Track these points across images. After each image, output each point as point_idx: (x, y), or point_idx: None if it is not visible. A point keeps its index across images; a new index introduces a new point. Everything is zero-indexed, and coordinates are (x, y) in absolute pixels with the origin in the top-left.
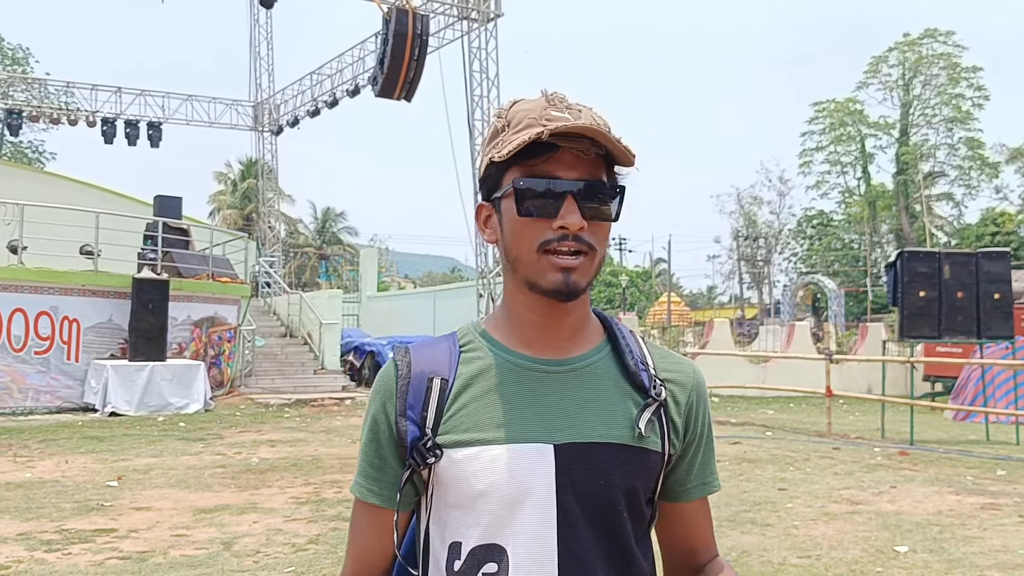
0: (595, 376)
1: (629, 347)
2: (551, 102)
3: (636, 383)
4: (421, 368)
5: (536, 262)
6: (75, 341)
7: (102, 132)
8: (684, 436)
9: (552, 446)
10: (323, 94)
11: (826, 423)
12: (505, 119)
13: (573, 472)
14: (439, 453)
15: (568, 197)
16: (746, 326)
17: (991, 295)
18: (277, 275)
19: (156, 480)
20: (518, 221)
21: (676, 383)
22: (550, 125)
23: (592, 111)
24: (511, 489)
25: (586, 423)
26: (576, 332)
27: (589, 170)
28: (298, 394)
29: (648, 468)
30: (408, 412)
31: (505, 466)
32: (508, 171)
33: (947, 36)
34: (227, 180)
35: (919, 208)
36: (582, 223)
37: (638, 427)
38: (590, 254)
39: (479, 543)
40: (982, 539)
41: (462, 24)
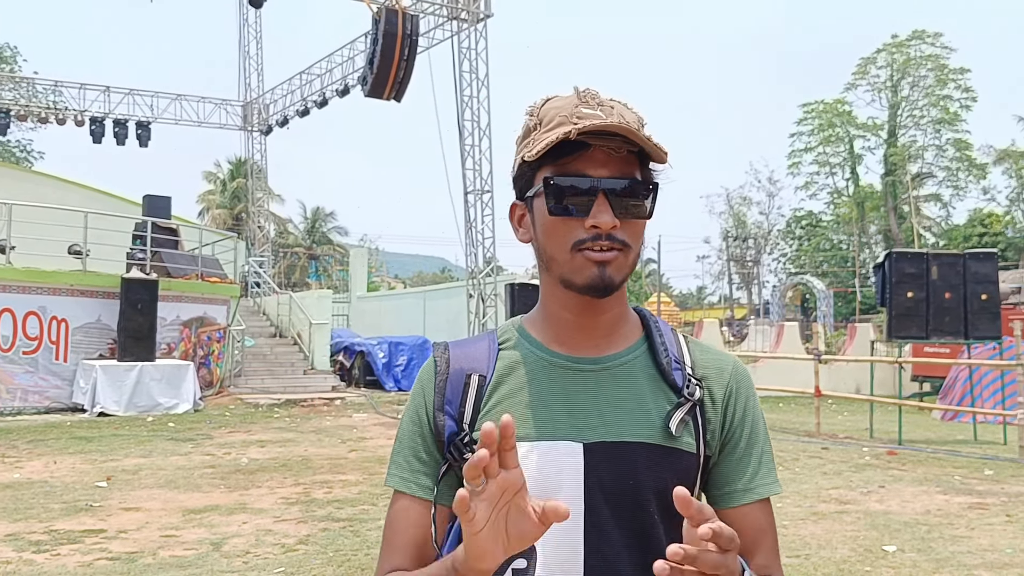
0: (629, 375)
1: (665, 345)
2: (582, 99)
3: (670, 382)
4: (460, 364)
5: (570, 260)
6: (63, 341)
7: (90, 131)
8: (723, 434)
9: (582, 445)
10: (312, 94)
11: (815, 423)
12: (537, 117)
13: (602, 471)
14: (475, 448)
15: (600, 195)
16: (735, 326)
17: (978, 296)
18: (266, 275)
19: (145, 480)
20: (550, 220)
21: (712, 379)
22: (580, 123)
23: (626, 106)
24: (541, 486)
25: (618, 422)
26: (612, 330)
27: (621, 167)
28: (288, 394)
29: (681, 469)
30: (446, 407)
31: (534, 463)
32: (540, 170)
33: (935, 38)
34: (216, 180)
35: (907, 209)
36: (614, 222)
37: (669, 427)
38: (624, 250)
39: None
40: (970, 538)
41: (452, 24)
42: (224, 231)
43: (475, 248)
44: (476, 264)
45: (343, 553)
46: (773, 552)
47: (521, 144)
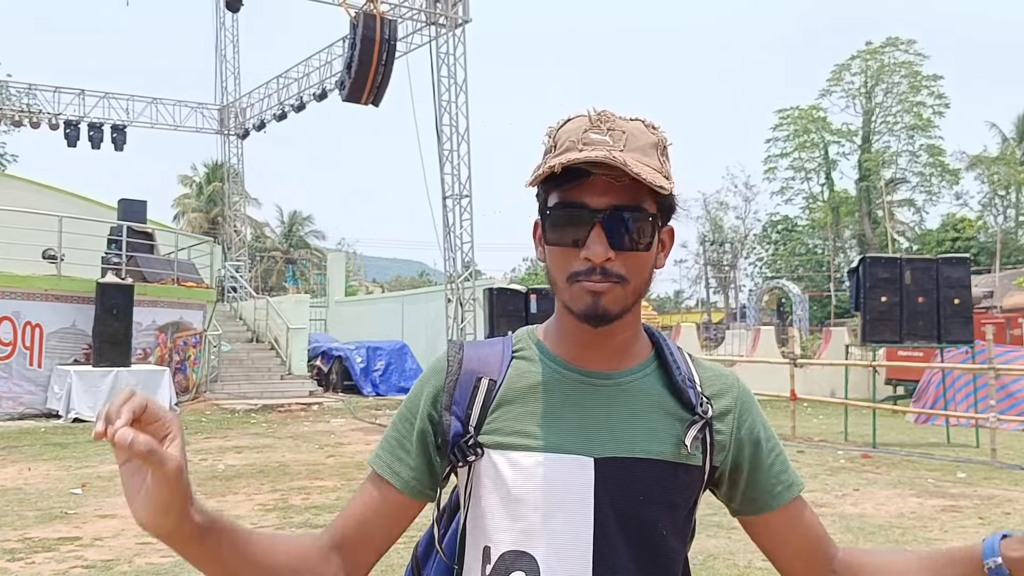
0: (641, 392)
1: (677, 364)
2: (594, 123)
3: (683, 400)
4: (472, 366)
5: (568, 289)
6: (38, 346)
7: (65, 135)
8: (735, 449)
9: (593, 459)
10: (290, 98)
11: (791, 426)
12: (552, 140)
13: (612, 487)
14: (480, 452)
15: (596, 226)
16: (712, 330)
17: (951, 300)
18: (243, 279)
19: (121, 487)
20: (550, 249)
21: (721, 396)
22: (578, 156)
23: (649, 126)
24: (547, 498)
25: (629, 438)
26: (624, 349)
27: (621, 196)
28: (265, 400)
29: (690, 484)
30: (454, 408)
31: (544, 474)
32: (550, 194)
33: (908, 45)
34: (192, 184)
35: (881, 214)
36: (608, 254)
37: (685, 445)
38: (621, 283)
39: (509, 549)
40: (943, 541)
41: (430, 29)
42: (200, 235)
43: (454, 252)
44: (455, 268)
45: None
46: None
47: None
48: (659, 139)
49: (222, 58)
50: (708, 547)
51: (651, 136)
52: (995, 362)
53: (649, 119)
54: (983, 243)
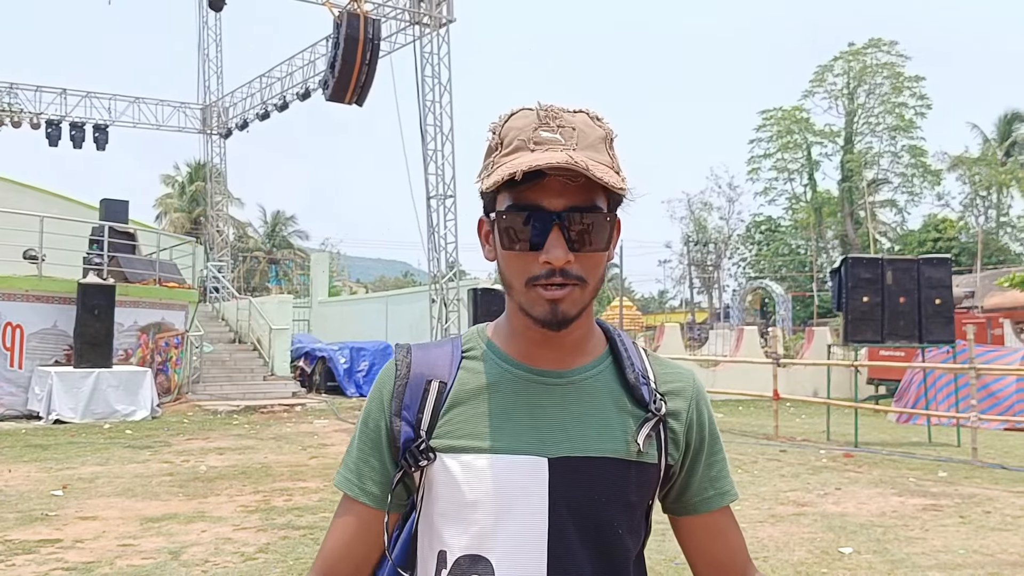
0: (594, 389)
1: (631, 360)
2: (542, 120)
3: (636, 397)
4: (420, 370)
5: (525, 293)
6: (18, 347)
7: (47, 134)
8: (685, 447)
9: (547, 460)
10: (273, 97)
11: (774, 426)
12: (499, 136)
13: (567, 487)
14: (432, 456)
15: (554, 228)
16: (696, 330)
17: (932, 300)
18: (226, 280)
19: (102, 489)
20: (505, 253)
21: (676, 394)
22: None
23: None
24: (501, 500)
25: (583, 437)
26: (577, 347)
27: (577, 197)
28: (247, 401)
29: (645, 482)
30: (404, 413)
31: (497, 476)
32: (500, 194)
33: (890, 46)
34: (175, 183)
35: (863, 214)
36: (568, 256)
37: (637, 443)
38: (580, 285)
39: (465, 553)
40: (924, 540)
41: (414, 29)
42: (182, 235)
43: (438, 253)
44: (439, 269)
45: (303, 561)
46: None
47: (485, 161)
48: (606, 132)
49: (205, 57)
50: None
51: (598, 130)
52: (976, 362)
53: (593, 111)
54: (964, 244)
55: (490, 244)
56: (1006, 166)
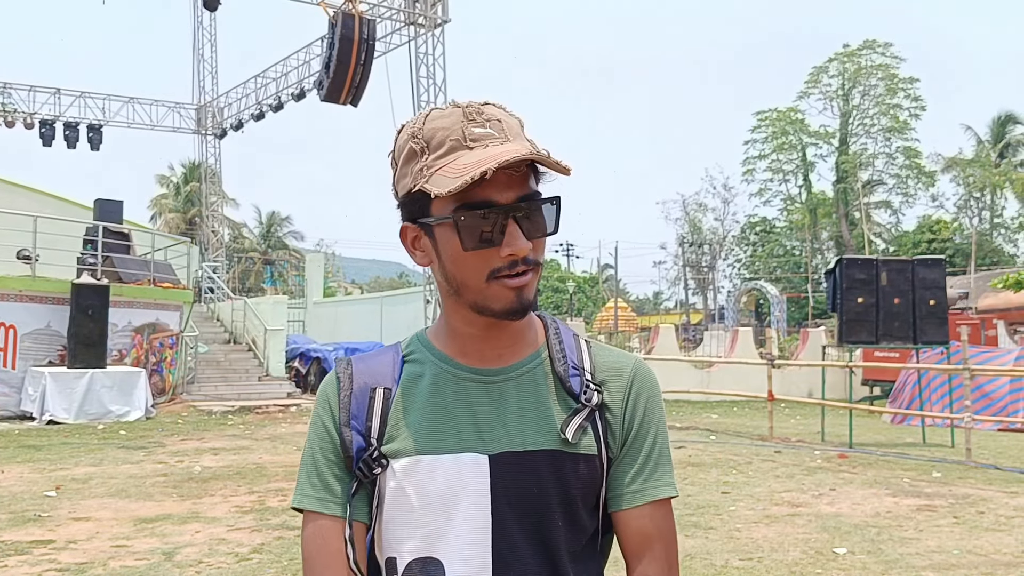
0: (532, 383)
1: (563, 351)
2: (469, 116)
3: (567, 388)
4: (364, 380)
5: (486, 289)
6: (12, 348)
7: (40, 134)
8: (622, 435)
9: (487, 456)
10: (268, 97)
11: (768, 427)
12: (423, 140)
13: (507, 482)
14: (385, 463)
15: (510, 221)
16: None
17: (926, 301)
18: (220, 280)
19: (96, 490)
20: (463, 254)
21: (612, 381)
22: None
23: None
24: (447, 500)
25: (521, 432)
26: (516, 340)
27: (523, 187)
28: (242, 401)
29: (586, 475)
30: (352, 423)
31: (442, 477)
32: (440, 197)
33: (885, 48)
34: (169, 184)
35: (858, 216)
36: (529, 245)
37: (564, 435)
38: (535, 269)
39: (415, 556)
40: (918, 540)
41: (409, 29)
42: (177, 236)
43: None
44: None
45: (297, 562)
46: (663, 561)
47: (408, 167)
48: (519, 120)
49: (199, 57)
50: (686, 547)
51: (514, 119)
52: (970, 363)
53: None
54: (958, 245)
55: (421, 250)
56: (1000, 168)
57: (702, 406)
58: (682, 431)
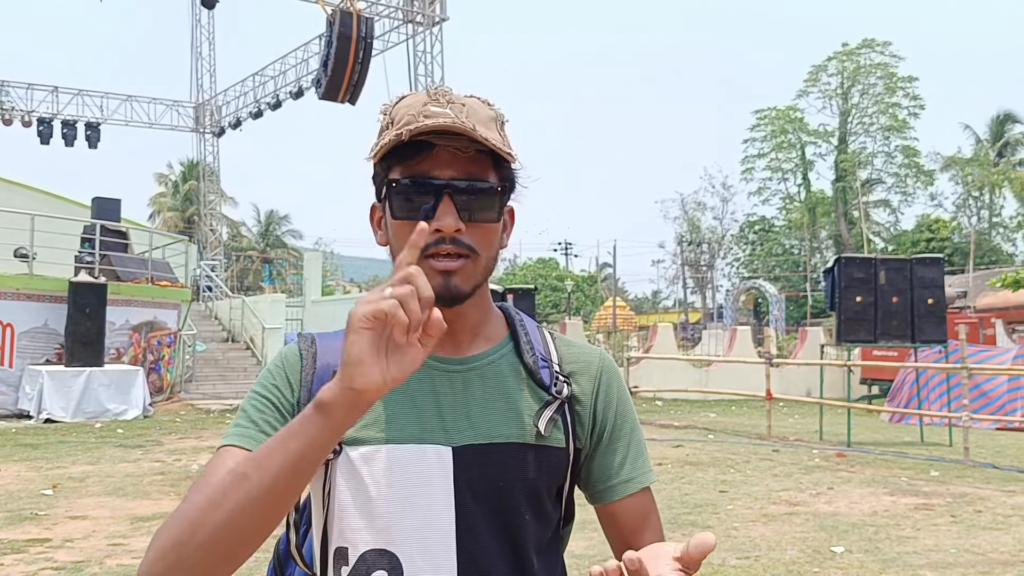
0: (497, 374)
1: (531, 343)
2: (432, 97)
3: (537, 380)
4: (327, 359)
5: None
6: (9, 346)
7: (38, 132)
8: (593, 428)
9: (451, 448)
10: (266, 96)
11: (766, 426)
12: (389, 116)
13: (471, 475)
14: (339, 448)
15: (445, 197)
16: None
17: (925, 300)
18: (219, 279)
19: (93, 488)
20: (395, 224)
21: (580, 374)
22: (425, 123)
23: (485, 103)
24: (406, 492)
25: (486, 423)
26: (477, 330)
27: (468, 168)
28: (240, 399)
29: (551, 466)
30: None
31: (400, 467)
32: (390, 171)
33: (884, 46)
34: (168, 182)
35: (857, 214)
36: (458, 224)
37: (537, 427)
38: (472, 257)
39: (370, 548)
40: (915, 539)
41: (407, 27)
42: (175, 234)
43: None
44: None
45: None
46: (659, 532)
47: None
48: (497, 114)
49: (198, 55)
50: None
51: (489, 111)
52: (968, 362)
53: (484, 96)
54: (957, 244)
55: (382, 229)
56: (998, 167)
57: (700, 405)
58: (680, 430)
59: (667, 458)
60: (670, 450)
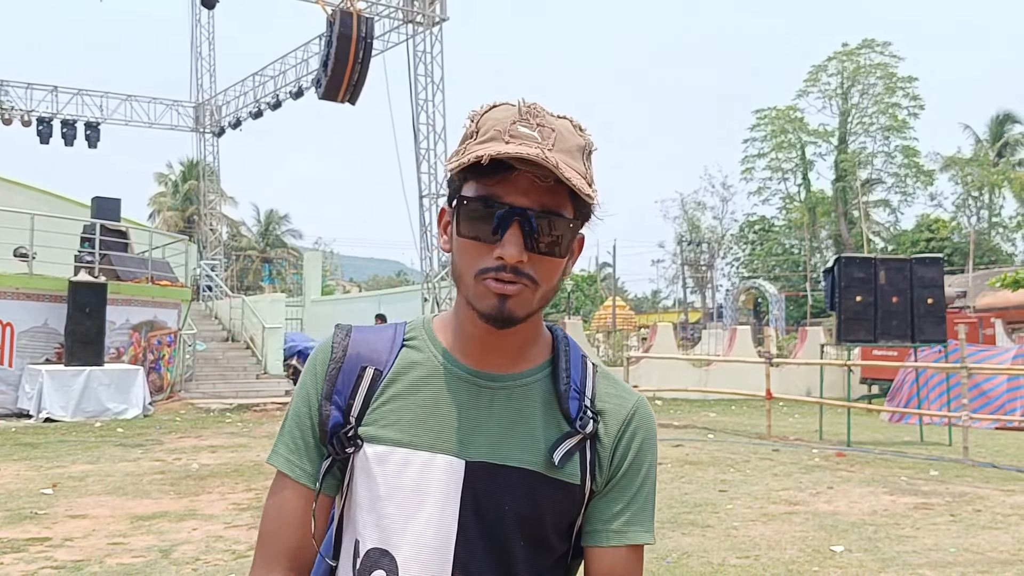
0: (526, 397)
1: (569, 371)
2: (523, 115)
3: (563, 409)
4: (358, 352)
5: (474, 285)
6: (9, 345)
7: (38, 132)
8: (609, 470)
9: (464, 462)
10: (266, 96)
11: (766, 425)
12: (476, 125)
13: (479, 492)
14: (359, 443)
15: (514, 225)
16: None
17: (925, 300)
18: (219, 278)
19: (92, 487)
20: (460, 241)
21: (610, 414)
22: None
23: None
24: (413, 497)
25: (505, 445)
26: (520, 351)
27: (543, 198)
28: (240, 399)
29: (562, 501)
30: (335, 397)
31: (412, 473)
32: (467, 182)
33: (884, 47)
34: (168, 182)
35: (857, 214)
36: (521, 256)
37: (552, 457)
38: (531, 287)
39: (374, 546)
40: (915, 538)
41: (407, 27)
42: (175, 234)
43: (430, 252)
44: (431, 268)
45: None
46: None
47: (459, 147)
48: (586, 143)
49: (198, 55)
50: (682, 545)
51: (579, 139)
52: (967, 361)
53: (576, 120)
54: (957, 243)
55: (447, 235)
56: (998, 167)
57: (700, 404)
58: (680, 429)
59: (667, 457)
60: (670, 449)
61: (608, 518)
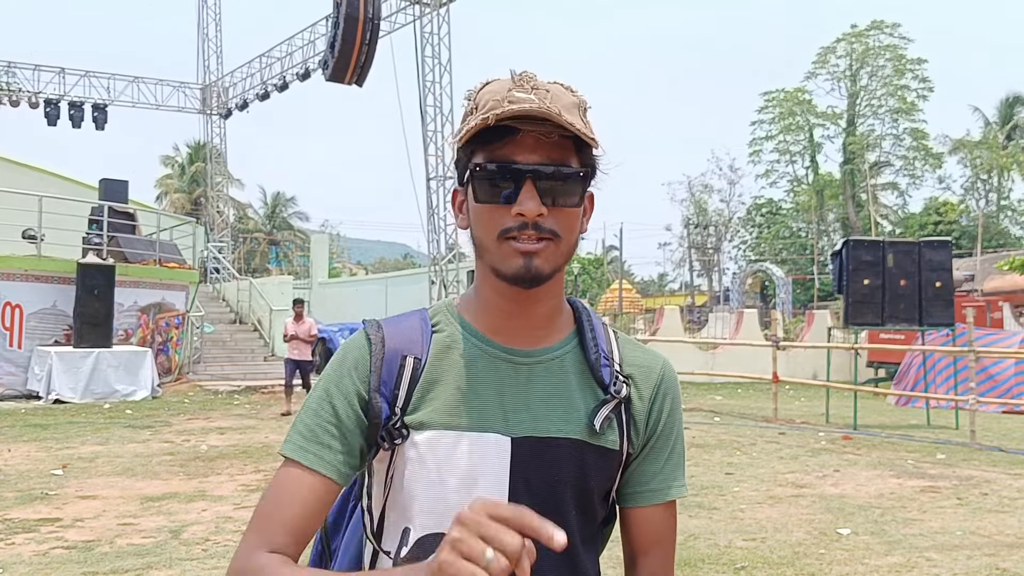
0: (561, 370)
1: (595, 340)
2: (517, 82)
3: (598, 378)
4: (395, 344)
5: (498, 249)
6: (18, 327)
7: (45, 114)
8: (645, 432)
9: (510, 439)
10: (273, 77)
11: (772, 408)
12: (474, 102)
13: (528, 467)
14: (406, 433)
15: (527, 182)
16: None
17: (932, 283)
18: (226, 260)
19: (102, 468)
20: (478, 208)
21: (640, 378)
22: (511, 107)
23: (569, 89)
24: (467, 478)
25: (546, 418)
26: (547, 322)
27: (550, 153)
28: (248, 381)
29: (604, 467)
30: (382, 389)
31: (461, 454)
32: (473, 156)
33: (893, 28)
34: (175, 164)
35: (865, 197)
36: (540, 209)
37: (594, 424)
38: (555, 241)
39: (427, 532)
40: (921, 521)
41: (414, 8)
42: (182, 216)
43: (437, 234)
44: (438, 250)
45: None
46: (669, 559)
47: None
48: (580, 100)
49: (204, 37)
50: (689, 527)
51: (572, 97)
52: (975, 345)
53: (566, 82)
54: (965, 227)
55: (463, 213)
56: (1007, 150)
57: (707, 387)
58: (686, 412)
59: None
60: None
61: (647, 479)
